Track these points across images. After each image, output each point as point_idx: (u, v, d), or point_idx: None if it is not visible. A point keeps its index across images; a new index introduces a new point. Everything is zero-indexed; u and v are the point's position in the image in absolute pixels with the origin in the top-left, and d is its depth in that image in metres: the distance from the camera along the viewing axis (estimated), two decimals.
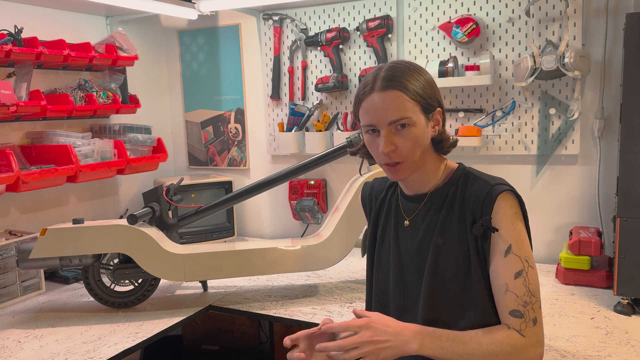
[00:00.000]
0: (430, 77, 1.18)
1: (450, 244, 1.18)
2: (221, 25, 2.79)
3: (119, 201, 2.74)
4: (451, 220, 1.19)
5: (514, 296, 1.11)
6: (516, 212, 1.15)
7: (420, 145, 1.16)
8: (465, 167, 1.25)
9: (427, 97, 1.15)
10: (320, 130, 2.53)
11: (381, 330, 1.09)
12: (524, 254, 1.13)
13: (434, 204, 1.22)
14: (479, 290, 1.15)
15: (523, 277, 1.11)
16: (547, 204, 2.23)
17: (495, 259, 1.14)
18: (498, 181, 1.17)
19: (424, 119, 1.15)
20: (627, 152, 1.65)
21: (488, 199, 1.14)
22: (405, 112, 1.12)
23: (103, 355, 1.55)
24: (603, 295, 1.85)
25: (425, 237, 1.22)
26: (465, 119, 2.30)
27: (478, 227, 1.14)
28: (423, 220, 1.23)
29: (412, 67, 1.17)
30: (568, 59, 1.94)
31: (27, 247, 1.80)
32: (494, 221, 1.14)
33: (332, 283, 2.11)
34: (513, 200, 1.15)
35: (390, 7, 2.37)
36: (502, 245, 1.13)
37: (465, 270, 1.16)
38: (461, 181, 1.21)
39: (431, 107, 1.17)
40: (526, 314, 1.10)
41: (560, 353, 1.45)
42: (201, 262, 1.90)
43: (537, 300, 1.12)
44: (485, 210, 1.14)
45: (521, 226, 1.15)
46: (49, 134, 2.21)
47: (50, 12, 2.37)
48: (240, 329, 2.69)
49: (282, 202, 2.79)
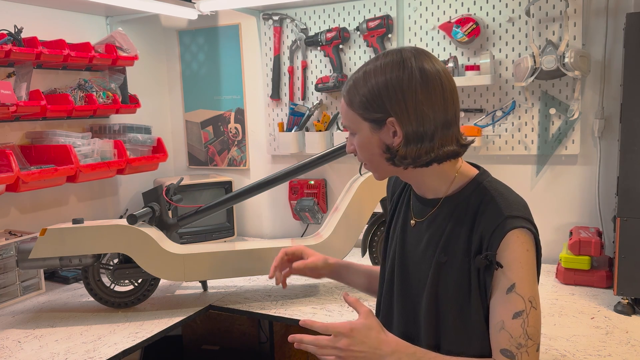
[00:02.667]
0: (391, 83, 1.04)
1: (453, 264, 1.10)
2: (221, 25, 2.79)
3: (119, 201, 2.74)
4: (457, 238, 1.10)
5: (508, 336, 1.04)
6: (528, 250, 1.05)
7: (370, 154, 1.11)
8: (483, 178, 1.12)
9: (364, 105, 1.07)
10: (320, 130, 2.53)
11: (359, 341, 1.05)
12: (529, 294, 1.04)
13: (441, 212, 1.13)
14: (477, 318, 1.09)
15: (522, 318, 1.03)
16: (547, 204, 2.23)
17: (496, 294, 1.06)
18: (514, 212, 1.05)
19: (367, 127, 1.08)
20: (627, 152, 1.65)
21: (497, 233, 1.04)
22: (345, 120, 1.13)
23: (103, 355, 1.55)
24: (603, 295, 1.85)
25: (429, 246, 1.15)
26: (466, 119, 2.30)
27: (481, 260, 1.05)
28: (428, 227, 1.16)
29: (367, 72, 1.08)
30: (568, 59, 1.94)
31: (27, 247, 1.80)
32: (500, 257, 1.04)
33: (332, 283, 2.11)
34: (526, 238, 1.05)
35: (390, 7, 2.37)
36: (505, 282, 1.04)
37: (465, 295, 1.10)
38: (474, 197, 1.10)
39: (375, 116, 1.06)
40: (518, 357, 1.03)
41: (560, 353, 1.45)
42: (201, 262, 1.90)
43: (534, 344, 1.04)
44: (492, 244, 1.04)
45: (530, 266, 1.05)
46: (48, 134, 2.21)
47: (50, 12, 2.37)
48: (240, 329, 2.69)
49: (282, 202, 2.79)
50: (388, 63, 1.06)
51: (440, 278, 1.12)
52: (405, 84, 1.03)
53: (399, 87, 1.03)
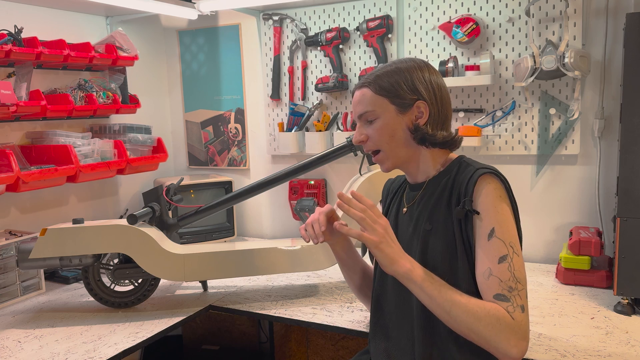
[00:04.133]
0: (420, 75, 1.24)
1: (438, 229, 1.19)
2: (221, 25, 2.79)
3: (119, 201, 2.75)
4: (440, 206, 1.21)
5: (497, 280, 1.09)
6: (500, 195, 1.14)
7: (391, 136, 1.24)
8: (464, 157, 1.28)
9: (395, 91, 1.22)
10: (320, 130, 2.53)
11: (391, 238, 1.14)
12: (509, 239, 1.11)
13: (428, 192, 1.26)
14: (467, 277, 1.15)
15: (508, 262, 1.09)
16: (547, 204, 2.23)
17: (479, 242, 1.13)
18: (484, 166, 1.19)
19: (394, 111, 1.23)
20: (627, 152, 1.65)
21: (470, 182, 1.16)
22: (367, 106, 1.24)
23: (103, 355, 1.55)
24: (603, 295, 1.85)
25: (417, 223, 1.25)
26: (465, 119, 2.30)
27: (459, 210, 1.15)
28: (417, 207, 1.27)
29: (395, 66, 1.25)
30: (568, 59, 1.94)
31: (27, 247, 1.80)
32: (476, 204, 1.14)
33: (332, 283, 2.11)
34: (496, 183, 1.15)
35: (390, 7, 2.37)
36: (484, 228, 1.12)
37: (452, 255, 1.17)
38: (455, 169, 1.23)
39: (405, 100, 1.22)
40: (513, 300, 1.08)
41: (560, 353, 1.45)
42: (201, 262, 1.90)
43: (523, 288, 1.09)
44: (466, 193, 1.15)
45: (506, 210, 1.14)
46: (49, 134, 2.21)
47: (50, 12, 2.37)
48: (240, 329, 2.69)
49: (282, 202, 2.79)
50: (392, 65, 1.26)
51: (429, 246, 1.20)
52: (428, 76, 1.25)
53: (433, 82, 1.24)
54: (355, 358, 1.47)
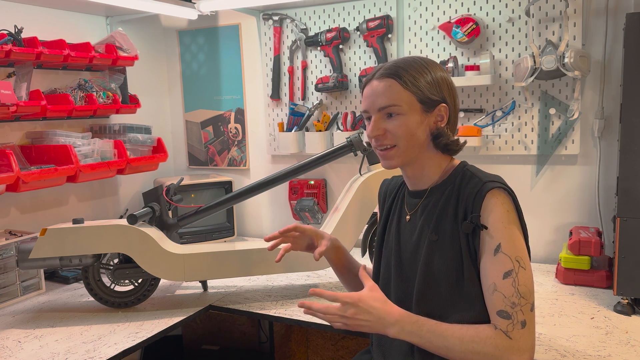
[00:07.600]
0: (442, 75, 1.21)
1: (444, 240, 1.18)
2: (221, 25, 2.79)
3: (119, 201, 2.75)
4: (446, 217, 1.19)
5: (501, 296, 1.09)
6: (508, 210, 1.13)
7: (411, 135, 1.19)
8: (466, 164, 1.25)
9: (426, 90, 1.17)
10: (320, 130, 2.53)
11: (365, 311, 1.14)
12: (515, 253, 1.11)
13: (432, 200, 1.23)
14: (472, 288, 1.14)
15: (512, 277, 1.09)
16: (547, 204, 2.23)
17: (485, 257, 1.13)
18: (491, 178, 1.17)
19: (419, 110, 1.18)
20: (627, 152, 1.65)
21: (478, 196, 1.14)
22: (394, 100, 1.18)
23: (103, 355, 1.55)
24: (603, 295, 1.85)
25: (422, 232, 1.23)
26: (465, 119, 2.30)
27: (467, 225, 1.14)
28: (421, 215, 1.24)
29: (420, 62, 1.20)
30: (568, 59, 1.94)
31: (27, 247, 1.80)
32: (484, 219, 1.13)
33: (332, 283, 2.11)
34: (504, 198, 1.14)
35: (390, 7, 2.37)
36: (491, 243, 1.12)
37: (458, 268, 1.16)
38: (459, 178, 1.21)
39: (432, 101, 1.18)
40: (514, 316, 1.08)
41: (560, 353, 1.45)
42: (201, 262, 1.90)
43: (527, 303, 1.09)
44: (474, 208, 1.14)
45: (513, 225, 1.13)
46: (49, 134, 2.21)
47: (50, 12, 2.37)
48: (240, 329, 2.69)
49: (282, 202, 2.79)
50: (418, 60, 1.21)
51: (435, 257, 1.19)
52: (451, 82, 1.23)
53: (445, 82, 1.21)
54: (356, 358, 1.47)
